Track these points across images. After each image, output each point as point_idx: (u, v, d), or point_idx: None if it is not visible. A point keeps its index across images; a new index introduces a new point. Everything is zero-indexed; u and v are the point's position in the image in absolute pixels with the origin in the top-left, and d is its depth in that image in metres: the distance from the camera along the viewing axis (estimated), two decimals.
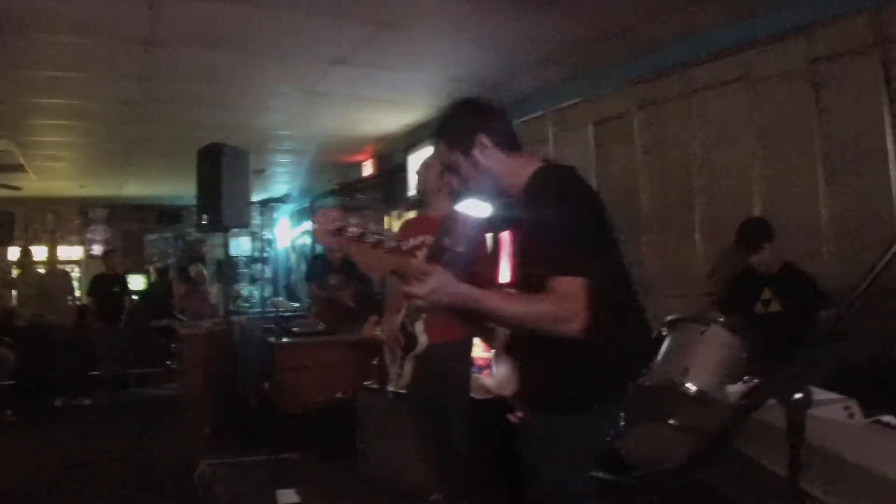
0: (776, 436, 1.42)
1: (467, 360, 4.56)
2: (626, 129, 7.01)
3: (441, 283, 2.28)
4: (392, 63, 6.81)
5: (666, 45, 6.38)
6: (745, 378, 3.41)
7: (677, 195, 6.52)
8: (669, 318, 3.75)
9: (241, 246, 15.19)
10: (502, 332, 2.69)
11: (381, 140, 10.34)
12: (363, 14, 5.59)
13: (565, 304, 2.29)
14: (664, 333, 3.62)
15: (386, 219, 11.29)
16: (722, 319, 3.59)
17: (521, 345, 2.63)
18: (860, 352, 4.94)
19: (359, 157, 11.88)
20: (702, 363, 3.39)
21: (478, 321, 2.65)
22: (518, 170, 2.61)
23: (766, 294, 4.86)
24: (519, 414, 2.70)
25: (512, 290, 2.54)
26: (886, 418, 2.05)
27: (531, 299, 2.37)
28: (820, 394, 2.15)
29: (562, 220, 2.42)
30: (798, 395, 1.35)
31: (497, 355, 2.74)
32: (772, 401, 1.38)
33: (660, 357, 3.57)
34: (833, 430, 1.90)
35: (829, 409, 2.02)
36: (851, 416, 2.00)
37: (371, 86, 7.55)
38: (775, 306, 4.82)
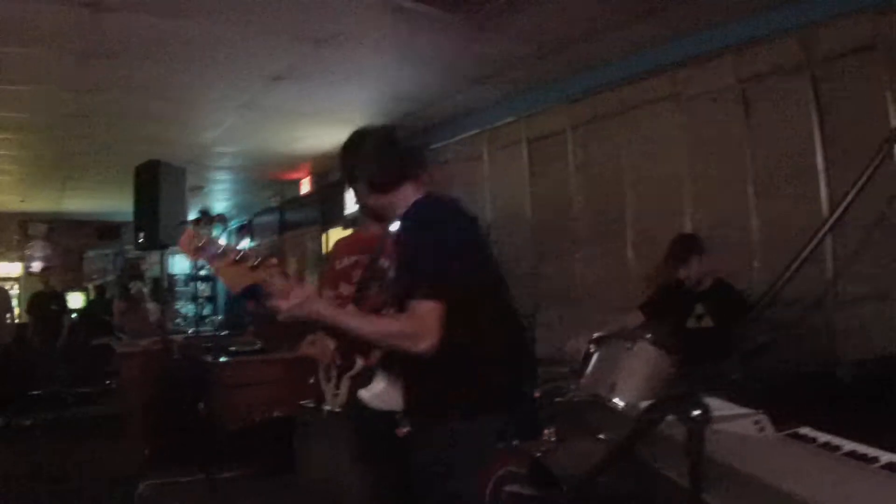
0: (680, 450, 1.46)
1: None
2: (559, 147, 7.10)
3: (300, 300, 2.46)
4: (331, 80, 6.82)
5: (599, 64, 6.48)
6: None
7: (609, 211, 6.60)
8: (597, 335, 3.80)
9: (180, 264, 15.04)
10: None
11: (319, 157, 10.29)
12: (302, 30, 5.60)
13: (415, 324, 2.49)
14: (592, 350, 3.66)
15: (324, 237, 11.29)
16: (649, 336, 3.63)
17: (396, 360, 2.80)
18: (789, 363, 5.10)
19: (297, 175, 11.86)
20: (629, 379, 3.42)
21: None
22: (411, 197, 2.82)
23: (699, 309, 4.91)
24: (405, 429, 2.78)
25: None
26: (804, 430, 2.09)
27: (385, 319, 2.64)
28: (729, 408, 2.20)
29: (422, 247, 2.64)
30: (696, 412, 1.39)
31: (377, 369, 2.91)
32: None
33: (588, 373, 3.60)
34: (740, 444, 1.94)
35: (739, 423, 2.07)
36: (762, 429, 2.04)
37: (310, 102, 7.56)
38: (707, 322, 4.87)
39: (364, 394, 3.29)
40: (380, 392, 3.07)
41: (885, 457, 1.80)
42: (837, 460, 1.85)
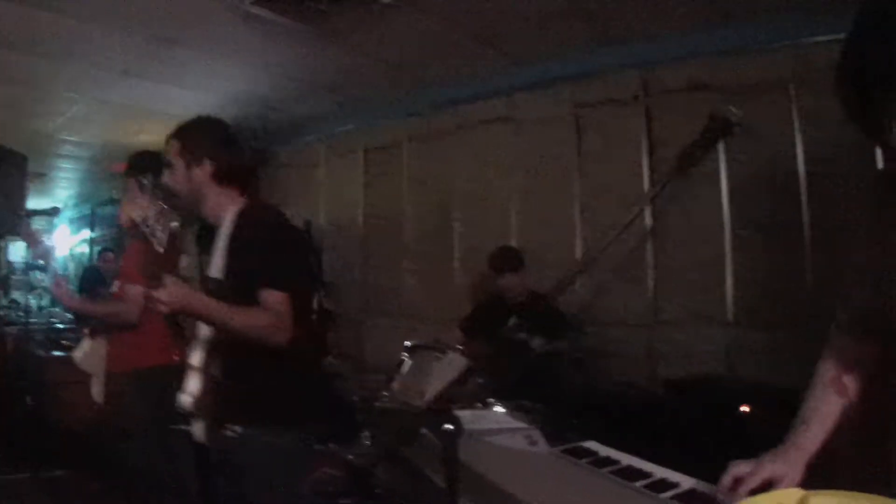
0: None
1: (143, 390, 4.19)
2: (395, 159, 7.19)
3: (184, 293, 2.48)
4: (175, 79, 6.74)
5: (440, 83, 6.56)
6: (478, 404, 3.64)
7: (439, 225, 6.70)
8: (408, 343, 3.94)
9: (19, 252, 14.42)
10: (200, 346, 2.78)
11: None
12: (153, 29, 5.52)
13: (277, 317, 2.54)
14: (404, 358, 3.81)
15: None
16: (460, 347, 3.81)
17: (219, 359, 2.75)
18: (607, 380, 5.37)
19: None
20: (437, 388, 3.60)
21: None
22: (225, 202, 2.86)
23: (513, 321, 5.02)
24: (232, 430, 2.71)
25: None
26: (589, 444, 2.20)
27: (254, 312, 2.56)
28: (506, 422, 2.38)
29: (272, 249, 2.69)
30: (447, 426, 1.54)
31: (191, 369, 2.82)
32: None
33: (399, 381, 3.75)
34: (503, 456, 2.10)
35: (511, 437, 2.23)
36: (534, 443, 2.19)
37: (157, 99, 7.39)
38: (521, 334, 4.96)
39: (77, 354, 3.30)
40: (84, 353, 3.02)
41: (659, 474, 1.87)
42: (598, 475, 1.92)
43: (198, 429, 2.79)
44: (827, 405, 1.76)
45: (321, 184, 8.13)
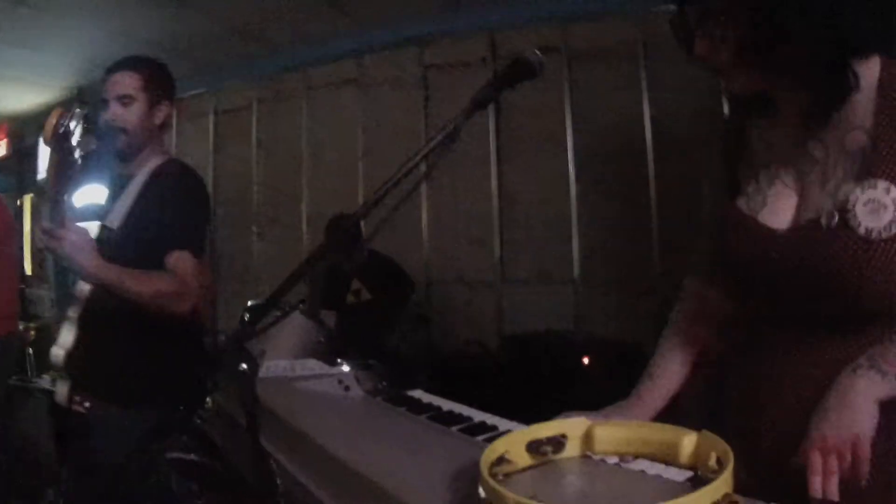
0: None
1: None
2: (244, 122, 7.07)
3: (85, 242, 2.29)
4: (27, 41, 6.48)
5: (286, 45, 6.51)
6: (324, 364, 3.61)
7: (287, 189, 6.63)
8: (250, 303, 3.87)
9: None
10: (78, 300, 2.59)
11: (15, 119, 9.78)
12: None
13: (182, 282, 2.39)
14: (245, 318, 3.74)
15: (18, 202, 10.68)
16: (301, 306, 3.76)
17: (96, 322, 2.55)
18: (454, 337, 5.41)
19: None
20: (277, 347, 3.55)
21: None
22: (148, 154, 2.71)
23: (356, 284, 4.94)
24: (86, 403, 2.55)
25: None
26: (415, 393, 2.16)
27: (156, 276, 2.38)
28: (319, 368, 2.33)
29: (190, 209, 2.59)
30: (242, 366, 1.48)
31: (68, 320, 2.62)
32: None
33: None
34: (312, 400, 2.07)
35: (324, 382, 2.19)
36: (347, 388, 2.15)
37: (7, 63, 7.14)
38: (366, 295, 4.91)
39: None
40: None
41: (478, 418, 1.83)
42: (406, 418, 1.91)
43: (61, 390, 2.60)
44: (675, 361, 1.69)
45: (172, 147, 7.84)
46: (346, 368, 2.23)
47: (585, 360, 4.19)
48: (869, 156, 1.27)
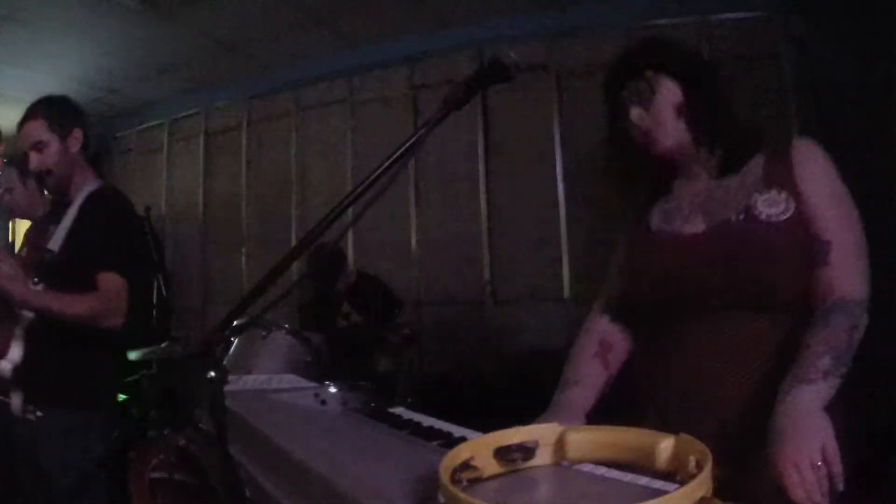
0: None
1: None
2: (234, 143, 7.04)
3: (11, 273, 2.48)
4: (14, 58, 6.46)
5: (277, 65, 6.48)
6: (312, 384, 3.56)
7: (277, 209, 6.59)
8: (236, 322, 3.82)
9: None
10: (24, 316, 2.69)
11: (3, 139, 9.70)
12: None
13: (106, 301, 2.58)
14: (231, 337, 3.70)
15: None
16: (286, 326, 3.72)
17: (41, 336, 2.67)
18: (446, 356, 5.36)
19: None
20: (264, 365, 3.52)
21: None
22: (87, 179, 2.88)
23: (346, 308, 4.94)
24: (37, 412, 2.65)
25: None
26: (395, 410, 2.12)
27: (78, 298, 2.55)
28: (297, 382, 2.32)
29: (110, 228, 2.73)
30: (210, 373, 1.45)
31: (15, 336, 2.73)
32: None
33: (228, 359, 3.65)
34: (286, 412, 2.03)
35: (301, 395, 2.17)
36: (323, 402, 2.13)
37: None
38: (356, 317, 4.89)
39: None
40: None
41: (458, 434, 1.72)
42: (383, 432, 1.77)
43: (15, 402, 2.68)
44: (593, 372, 1.87)
45: (163, 169, 7.85)
46: (332, 389, 2.18)
47: None
48: (761, 179, 1.66)
